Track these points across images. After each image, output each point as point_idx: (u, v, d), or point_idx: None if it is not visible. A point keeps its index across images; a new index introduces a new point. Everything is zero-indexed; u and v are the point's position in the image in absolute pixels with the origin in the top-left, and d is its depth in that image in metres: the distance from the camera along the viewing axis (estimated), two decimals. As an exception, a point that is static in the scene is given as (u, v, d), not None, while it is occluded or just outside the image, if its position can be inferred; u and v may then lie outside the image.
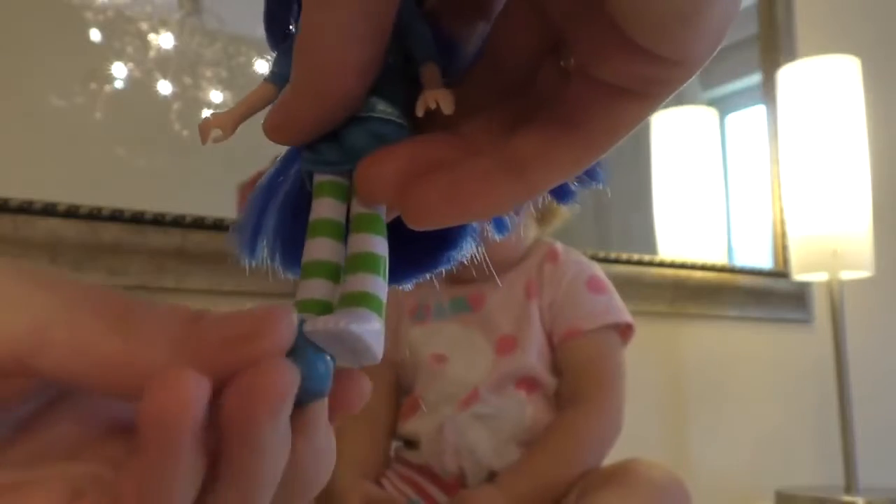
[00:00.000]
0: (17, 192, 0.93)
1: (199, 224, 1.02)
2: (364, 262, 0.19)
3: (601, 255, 1.31)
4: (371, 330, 0.18)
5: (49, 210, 0.94)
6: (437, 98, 0.19)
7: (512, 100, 0.20)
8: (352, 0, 0.18)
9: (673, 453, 1.38)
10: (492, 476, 0.87)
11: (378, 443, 0.94)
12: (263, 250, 0.23)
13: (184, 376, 0.15)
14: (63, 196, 0.95)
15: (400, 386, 0.97)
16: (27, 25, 1.03)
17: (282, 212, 0.22)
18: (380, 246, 0.20)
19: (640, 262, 1.37)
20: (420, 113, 0.20)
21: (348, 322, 0.18)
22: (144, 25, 1.09)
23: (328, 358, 0.18)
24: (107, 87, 1.06)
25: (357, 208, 0.20)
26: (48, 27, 1.05)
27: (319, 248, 0.20)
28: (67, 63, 1.05)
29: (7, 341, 0.16)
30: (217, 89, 1.13)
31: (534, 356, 0.90)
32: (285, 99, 0.20)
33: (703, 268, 1.44)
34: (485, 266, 0.23)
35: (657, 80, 0.18)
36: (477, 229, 0.23)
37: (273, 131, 0.20)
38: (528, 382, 0.90)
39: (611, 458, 0.87)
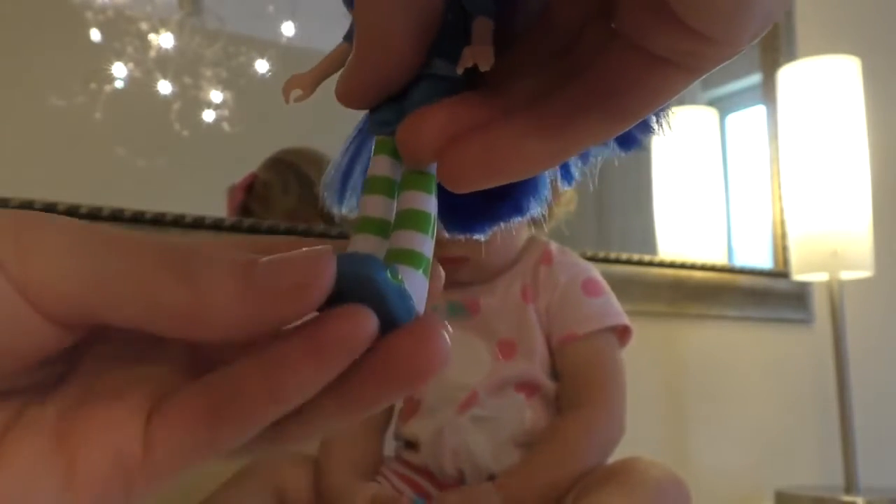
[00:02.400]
0: (17, 192, 0.93)
1: (199, 224, 1.02)
2: (410, 220, 0.20)
3: (601, 255, 1.31)
4: (413, 284, 0.19)
5: (49, 210, 0.94)
6: (475, 54, 0.19)
7: (559, 62, 0.20)
8: None
9: (673, 453, 1.38)
10: (490, 480, 0.87)
11: (374, 442, 0.94)
12: (351, 199, 0.25)
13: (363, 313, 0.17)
14: (63, 196, 0.95)
15: None
16: (27, 25, 1.03)
17: (366, 163, 0.23)
18: (427, 203, 0.20)
19: (640, 262, 1.37)
20: (459, 71, 0.20)
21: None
22: (144, 25, 1.09)
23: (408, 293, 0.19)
24: (107, 87, 1.06)
25: (407, 166, 0.21)
26: (48, 27, 1.05)
27: (372, 205, 0.20)
28: (67, 63, 1.05)
29: (76, 295, 0.17)
30: (217, 89, 1.13)
31: (534, 361, 0.89)
32: (350, 65, 0.20)
33: (703, 268, 1.44)
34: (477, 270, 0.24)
35: (701, 56, 0.18)
36: (542, 189, 0.23)
37: (341, 97, 0.21)
38: (529, 386, 0.89)
39: (611, 458, 0.87)
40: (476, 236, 0.24)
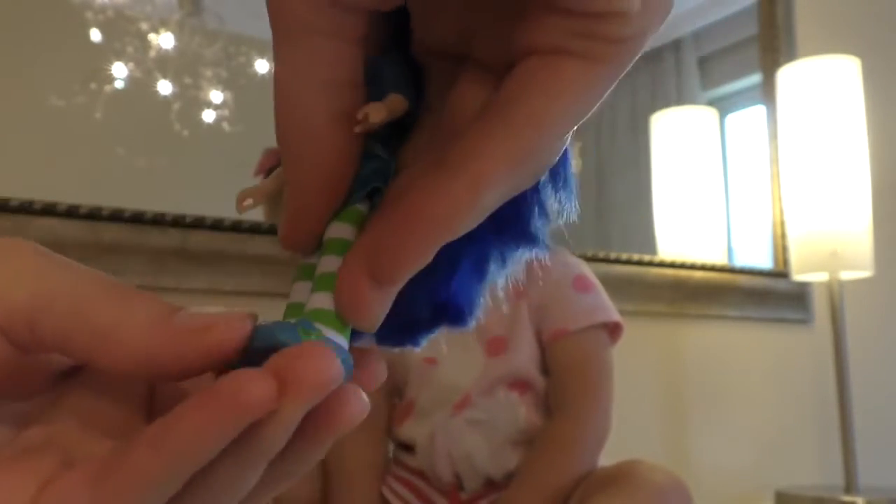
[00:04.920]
0: (17, 192, 0.93)
1: (199, 224, 1.02)
2: (325, 281, 0.19)
3: (601, 255, 1.31)
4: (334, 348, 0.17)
5: (49, 210, 0.94)
6: (366, 110, 0.18)
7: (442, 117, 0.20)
8: (311, 67, 0.18)
9: (673, 453, 1.38)
10: (488, 482, 0.87)
11: (379, 445, 0.94)
12: None
13: (258, 387, 0.15)
14: (63, 196, 0.95)
15: (393, 386, 0.96)
16: (27, 25, 1.03)
17: None
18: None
19: (640, 262, 1.37)
20: (357, 130, 0.18)
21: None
22: (144, 25, 1.09)
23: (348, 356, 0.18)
24: (107, 87, 1.06)
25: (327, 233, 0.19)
26: (48, 27, 1.05)
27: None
28: (67, 63, 1.05)
29: (22, 302, 0.18)
30: (217, 89, 1.13)
31: (524, 357, 0.89)
32: (285, 202, 0.19)
33: (703, 268, 1.44)
34: None
35: (592, 36, 0.16)
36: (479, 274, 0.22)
37: (285, 240, 0.20)
38: (521, 384, 0.89)
39: (612, 459, 0.87)
40: (409, 347, 0.23)
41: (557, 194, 0.21)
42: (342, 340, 0.18)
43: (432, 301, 0.21)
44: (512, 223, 0.21)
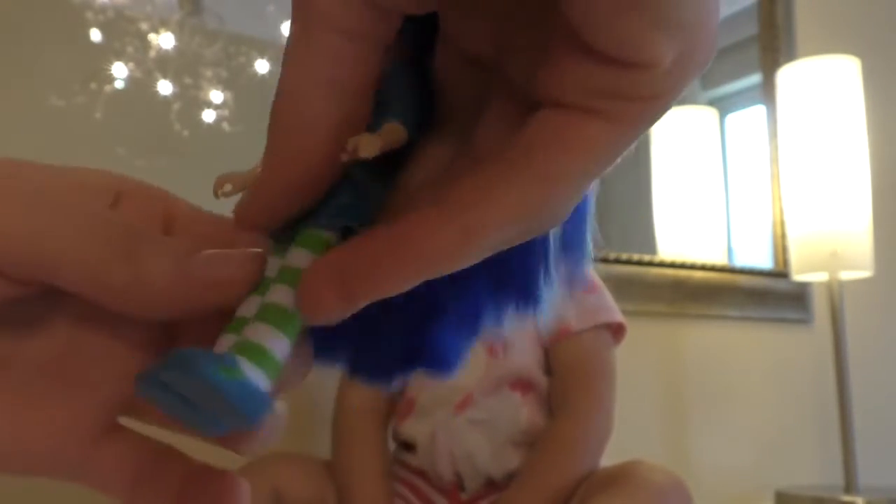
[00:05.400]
0: (17, 192, 0.93)
1: (199, 224, 1.01)
2: (272, 314, 0.18)
3: (601, 255, 1.31)
4: (258, 381, 0.17)
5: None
6: (358, 142, 0.17)
7: (460, 148, 0.19)
8: (325, 56, 0.17)
9: (673, 453, 1.38)
10: (489, 482, 0.87)
11: (385, 440, 0.94)
12: None
13: None
14: (63, 196, 0.95)
15: None
16: (27, 25, 1.03)
17: None
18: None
19: (640, 262, 1.37)
20: (343, 158, 0.17)
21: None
22: (144, 25, 1.09)
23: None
24: (107, 87, 1.06)
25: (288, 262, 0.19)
26: (48, 27, 1.05)
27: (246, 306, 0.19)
28: (67, 63, 1.05)
29: (33, 258, 0.17)
30: (217, 89, 1.13)
31: (527, 357, 0.90)
32: (256, 178, 0.19)
33: (703, 268, 1.44)
34: None
35: (614, 94, 0.15)
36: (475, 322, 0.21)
37: (240, 217, 0.19)
38: (523, 384, 0.89)
39: (612, 459, 0.87)
40: (381, 385, 0.22)
41: (569, 257, 0.20)
42: (264, 381, 0.17)
43: (406, 343, 0.20)
44: (514, 280, 0.20)
